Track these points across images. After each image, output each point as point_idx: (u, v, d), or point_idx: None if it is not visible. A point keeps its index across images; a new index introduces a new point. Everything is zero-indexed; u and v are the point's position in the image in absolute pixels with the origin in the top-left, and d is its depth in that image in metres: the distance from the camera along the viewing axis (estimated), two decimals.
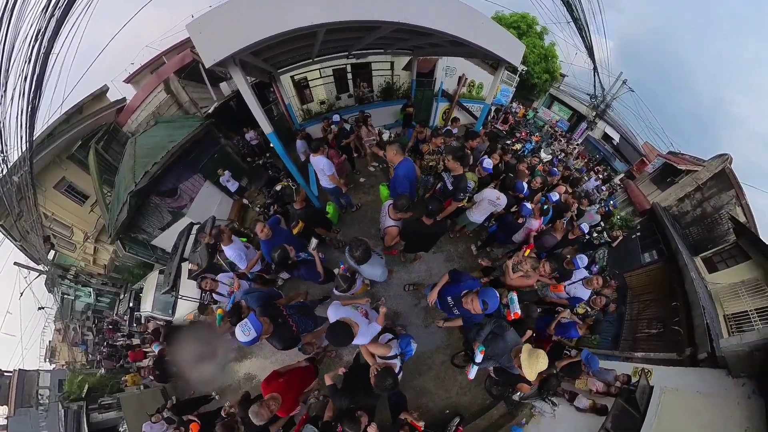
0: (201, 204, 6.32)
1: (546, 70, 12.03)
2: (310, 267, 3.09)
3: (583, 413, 3.78)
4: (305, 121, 7.28)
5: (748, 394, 3.19)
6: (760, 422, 2.94)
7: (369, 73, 8.02)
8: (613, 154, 13.33)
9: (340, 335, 2.11)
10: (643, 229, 7.56)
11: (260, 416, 2.17)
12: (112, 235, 6.37)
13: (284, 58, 5.29)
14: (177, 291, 5.28)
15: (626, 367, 4.31)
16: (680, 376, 3.92)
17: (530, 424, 4.02)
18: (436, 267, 4.71)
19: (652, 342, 4.96)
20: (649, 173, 9.88)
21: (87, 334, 9.09)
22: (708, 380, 3.62)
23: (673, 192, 8.25)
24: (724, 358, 3.56)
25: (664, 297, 5.43)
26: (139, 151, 6.24)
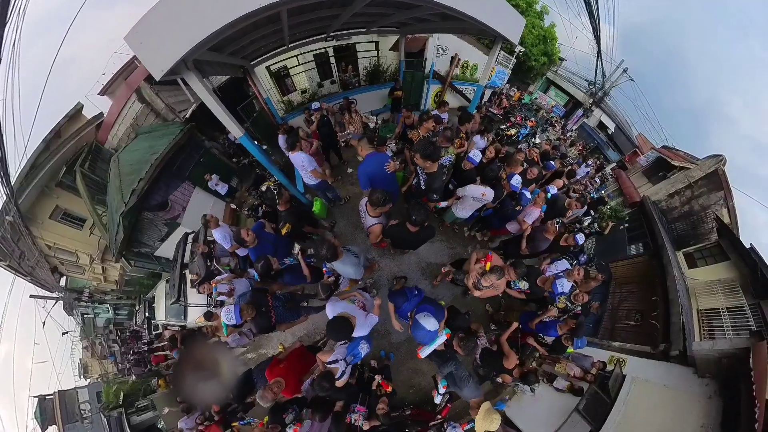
0: (194, 211, 6.30)
1: (544, 53, 11.45)
2: (295, 272, 3.13)
3: (560, 393, 4.17)
4: (288, 113, 6.99)
5: (709, 394, 3.52)
6: (716, 421, 3.26)
7: (353, 56, 7.50)
8: (607, 143, 13.32)
9: (340, 330, 2.17)
10: (631, 220, 7.78)
11: (265, 399, 2.46)
12: (115, 255, 6.51)
13: (254, 48, 4.94)
14: (185, 299, 5.46)
15: (603, 354, 4.63)
16: (651, 368, 4.19)
17: (513, 400, 4.43)
18: (426, 258, 4.70)
19: (629, 332, 5.25)
20: (642, 166, 9.88)
21: (113, 346, 9.69)
22: (676, 376, 3.92)
23: (664, 187, 8.35)
24: (694, 358, 3.85)
25: (646, 290, 5.70)
26: (123, 169, 6.18)
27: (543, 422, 4.06)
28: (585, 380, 4.10)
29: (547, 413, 4.11)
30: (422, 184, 3.19)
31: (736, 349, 3.57)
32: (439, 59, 8.22)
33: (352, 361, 2.55)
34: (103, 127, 7.92)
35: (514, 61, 10.47)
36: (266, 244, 3.32)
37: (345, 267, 2.57)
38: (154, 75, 2.48)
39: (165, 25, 2.26)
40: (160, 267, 7.51)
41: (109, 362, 9.74)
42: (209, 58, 3.73)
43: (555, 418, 3.99)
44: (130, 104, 7.20)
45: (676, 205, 8.04)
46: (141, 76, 6.88)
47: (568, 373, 4.14)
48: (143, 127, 7.15)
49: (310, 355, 3.18)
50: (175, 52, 2.37)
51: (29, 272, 7.67)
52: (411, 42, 7.48)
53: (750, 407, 2.98)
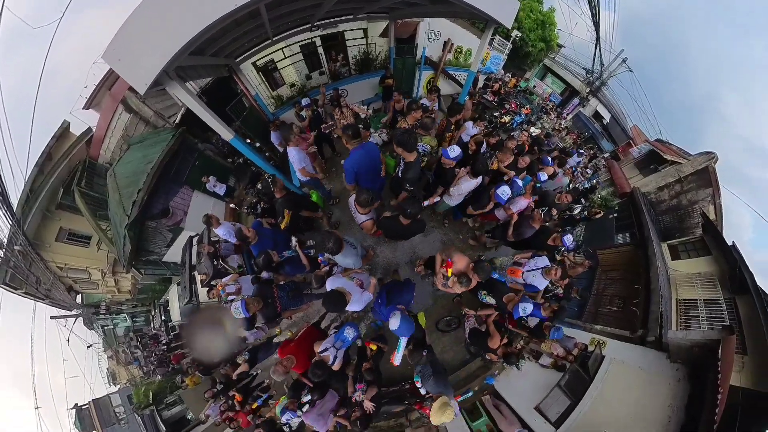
0: (196, 215, 6.48)
1: (542, 38, 11.13)
2: (294, 263, 3.33)
3: (545, 369, 4.55)
4: (278, 108, 6.93)
5: (679, 378, 3.95)
6: (682, 402, 3.73)
7: (342, 44, 7.27)
8: (601, 133, 13.26)
9: (335, 303, 2.40)
10: (620, 210, 8.02)
11: (277, 373, 2.70)
12: (125, 266, 6.74)
13: (237, 45, 4.89)
14: (197, 299, 5.72)
15: (586, 336, 4.96)
16: (629, 351, 4.58)
17: (502, 375, 4.85)
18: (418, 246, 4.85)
19: (611, 317, 5.60)
20: (635, 157, 9.97)
21: (135, 351, 10.20)
22: (650, 359, 4.32)
23: (655, 179, 8.48)
24: (668, 345, 4.22)
25: (629, 278, 6.02)
26: (120, 182, 6.29)
27: (528, 395, 4.51)
28: (567, 359, 4.42)
29: (533, 387, 4.55)
30: (399, 173, 3.24)
31: (707, 340, 3.92)
32: (431, 44, 7.97)
33: (341, 346, 2.77)
34: (94, 142, 7.95)
35: (510, 47, 10.21)
36: (266, 240, 3.49)
37: (345, 259, 2.70)
38: (138, 90, 2.49)
39: (141, 38, 2.27)
40: (170, 271, 7.78)
41: (135, 367, 10.32)
42: (191, 62, 3.72)
43: (539, 392, 4.46)
44: (117, 116, 7.19)
45: (664, 198, 8.26)
46: (125, 86, 6.82)
47: (552, 352, 4.47)
48: (134, 137, 7.19)
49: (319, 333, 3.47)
50: (155, 63, 2.37)
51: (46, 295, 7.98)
52: (401, 27, 7.30)
53: (714, 393, 3.37)
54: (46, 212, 7.92)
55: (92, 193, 7.66)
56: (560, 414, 4.21)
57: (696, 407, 3.60)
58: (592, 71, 12.05)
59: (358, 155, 3.02)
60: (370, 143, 3.26)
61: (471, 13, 3.96)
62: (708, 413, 3.37)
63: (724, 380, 3.38)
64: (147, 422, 8.03)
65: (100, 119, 7.62)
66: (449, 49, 8.33)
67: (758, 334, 3.77)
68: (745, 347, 3.90)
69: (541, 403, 4.36)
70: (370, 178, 3.32)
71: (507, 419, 4.39)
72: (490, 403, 4.72)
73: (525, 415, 4.40)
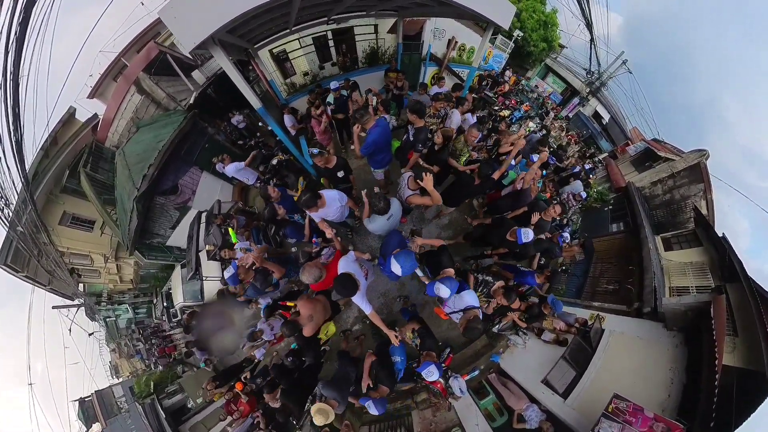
0: (203, 194, 6.84)
1: (544, 39, 11.64)
2: (296, 228, 3.75)
3: (548, 345, 4.88)
4: (290, 95, 7.40)
5: (676, 344, 4.36)
6: (682, 365, 4.14)
7: (352, 39, 7.89)
8: (600, 133, 13.76)
9: (344, 285, 2.46)
10: (615, 203, 8.67)
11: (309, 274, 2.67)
12: (129, 247, 6.97)
13: (260, 31, 5.31)
14: (201, 275, 5.99)
15: (585, 313, 5.31)
16: (626, 323, 4.97)
17: (506, 353, 5.18)
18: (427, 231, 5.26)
19: (607, 296, 6.06)
20: (631, 155, 10.58)
21: (137, 344, 10.38)
22: (647, 329, 4.70)
23: (649, 175, 9.06)
24: (664, 314, 4.60)
25: (623, 261, 6.59)
26: (130, 160, 6.61)
27: (534, 370, 4.78)
28: (569, 332, 4.81)
29: (537, 362, 4.83)
30: (410, 137, 3.85)
31: (699, 302, 4.31)
32: (436, 42, 8.58)
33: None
34: (102, 124, 8.29)
35: (512, 46, 10.88)
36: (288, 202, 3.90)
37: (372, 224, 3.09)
38: (186, 47, 2.93)
39: (200, 2, 2.69)
40: (173, 257, 8.02)
41: (137, 360, 10.50)
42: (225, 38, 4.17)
43: (544, 366, 4.73)
44: (129, 97, 7.55)
45: (658, 193, 8.79)
46: (139, 67, 7.23)
47: (554, 327, 4.79)
48: (144, 119, 7.55)
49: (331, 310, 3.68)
50: (206, 28, 2.81)
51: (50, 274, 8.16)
52: (408, 25, 7.78)
53: (711, 350, 3.73)
54: (50, 195, 8.13)
55: (98, 176, 7.98)
56: (567, 385, 4.49)
57: (696, 366, 3.96)
58: (590, 71, 12.54)
59: (377, 133, 3.51)
60: (382, 119, 3.73)
61: (472, 15, 4.46)
62: (708, 370, 3.66)
63: (720, 335, 3.68)
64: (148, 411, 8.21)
65: (110, 100, 7.99)
66: (453, 46, 8.91)
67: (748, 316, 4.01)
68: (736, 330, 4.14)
69: (548, 375, 4.61)
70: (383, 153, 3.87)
71: (515, 395, 4.60)
72: (497, 380, 4.97)
73: (532, 389, 4.64)
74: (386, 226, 3.21)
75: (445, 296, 2.53)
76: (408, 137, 3.96)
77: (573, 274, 6.93)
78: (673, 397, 3.94)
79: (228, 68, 3.47)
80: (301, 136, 6.19)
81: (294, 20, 5.17)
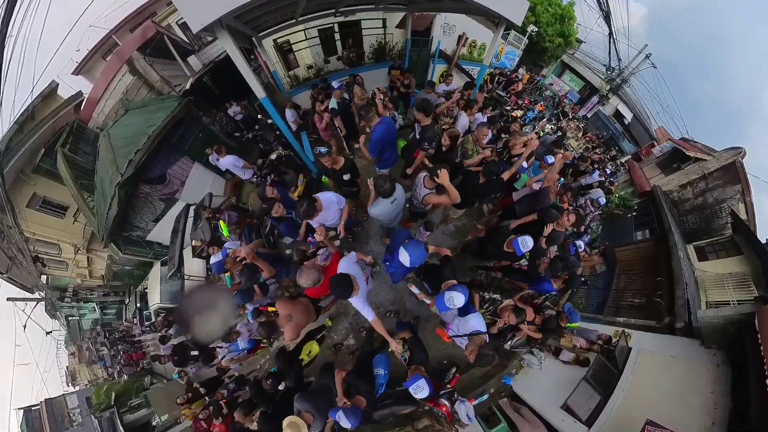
0: (193, 187, 6.74)
1: (560, 33, 11.62)
2: (292, 225, 3.74)
3: (567, 365, 4.60)
4: (293, 88, 7.46)
5: (717, 363, 4.01)
6: (725, 387, 3.75)
7: (359, 33, 8.02)
8: (622, 134, 13.47)
9: (341, 286, 2.43)
10: (639, 209, 8.37)
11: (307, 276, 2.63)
12: (104, 239, 6.85)
13: (266, 19, 5.46)
14: (183, 274, 5.85)
15: (608, 329, 5.01)
16: (657, 341, 4.62)
17: (520, 374, 4.87)
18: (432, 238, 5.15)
19: (634, 311, 5.73)
20: (656, 157, 10.32)
21: (101, 349, 9.94)
22: (682, 347, 4.39)
23: (677, 177, 8.71)
24: (699, 330, 4.29)
25: (650, 272, 6.28)
26: (116, 143, 6.51)
27: (551, 394, 4.48)
28: (592, 350, 4.55)
29: (555, 385, 4.53)
30: (417, 135, 3.93)
31: (740, 314, 3.95)
32: (446, 38, 8.67)
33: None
34: (88, 103, 8.22)
35: (526, 42, 10.80)
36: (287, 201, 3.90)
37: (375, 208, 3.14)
38: (193, 27, 2.96)
39: None
40: (153, 254, 7.88)
41: (99, 367, 10.03)
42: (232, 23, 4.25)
43: (563, 389, 4.43)
44: (120, 76, 7.54)
45: (688, 197, 8.44)
46: (133, 46, 7.25)
47: (573, 345, 4.55)
48: (134, 102, 7.54)
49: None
50: (216, 11, 2.88)
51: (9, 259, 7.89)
52: (417, 20, 7.91)
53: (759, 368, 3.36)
54: (21, 174, 7.93)
55: (77, 158, 7.87)
56: (591, 411, 4.17)
57: (742, 388, 3.61)
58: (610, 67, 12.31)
59: (381, 130, 3.63)
60: (387, 118, 3.83)
61: (483, 11, 4.55)
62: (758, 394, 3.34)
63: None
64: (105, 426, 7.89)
65: (98, 79, 7.95)
66: (463, 43, 8.96)
67: None
68: None
69: (568, 400, 4.31)
70: (389, 151, 3.96)
71: (530, 423, 4.32)
72: (509, 406, 4.68)
73: (551, 416, 4.34)
74: (389, 210, 3.22)
75: (460, 304, 2.49)
76: (414, 136, 4.09)
77: (594, 286, 6.68)
78: (718, 424, 3.64)
79: (234, 54, 3.50)
80: (303, 131, 6.23)
81: (301, 10, 5.30)
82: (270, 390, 3.41)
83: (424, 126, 3.76)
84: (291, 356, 3.68)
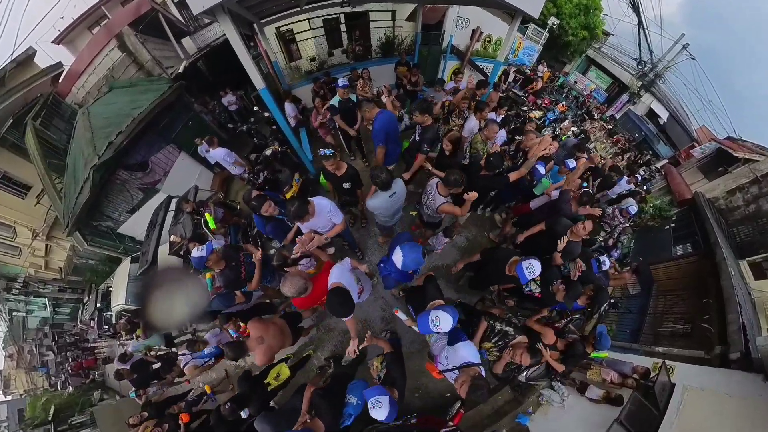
0: (177, 178, 6.58)
1: (584, 26, 11.26)
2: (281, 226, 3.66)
3: (595, 404, 4.17)
4: (294, 81, 7.44)
5: None
6: None
7: (366, 25, 8.05)
8: (657, 136, 12.64)
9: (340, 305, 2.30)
10: (679, 220, 7.89)
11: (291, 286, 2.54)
12: (69, 226, 6.63)
13: (269, 5, 5.49)
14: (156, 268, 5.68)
15: (645, 361, 4.58)
16: (707, 375, 4.12)
17: (537, 413, 4.40)
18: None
19: (676, 339, 5.31)
20: (697, 159, 9.70)
21: (46, 354, 9.28)
22: (739, 383, 3.82)
23: (723, 182, 8.10)
24: (761, 361, 3.80)
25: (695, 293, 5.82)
26: (96, 122, 6.37)
27: None
28: (625, 386, 4.13)
29: (581, 427, 4.09)
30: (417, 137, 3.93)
31: None
32: (459, 32, 8.57)
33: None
34: (68, 76, 8.05)
35: (546, 36, 10.37)
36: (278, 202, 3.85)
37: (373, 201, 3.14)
38: (194, 9, 2.97)
39: None
40: (123, 248, 7.66)
41: (40, 374, 9.37)
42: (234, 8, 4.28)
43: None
44: (107, 51, 7.42)
45: (738, 205, 7.73)
46: (125, 20, 7.18)
47: (603, 378, 4.13)
48: (120, 80, 7.44)
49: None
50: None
51: None
52: (429, 12, 7.88)
53: None
54: None
55: (49, 134, 7.68)
56: None
57: None
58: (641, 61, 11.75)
59: (383, 119, 3.72)
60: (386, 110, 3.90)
61: (497, 3, 4.61)
62: None
63: None
64: None
65: (83, 51, 7.80)
66: (477, 37, 8.88)
67: None
68: None
69: None
70: (393, 142, 3.99)
71: None
72: None
73: None
74: (388, 204, 3.18)
75: (447, 328, 2.26)
76: (414, 137, 4.08)
77: (626, 310, 6.26)
78: None
79: (234, 40, 3.50)
80: (302, 128, 6.24)
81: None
82: (229, 416, 3.17)
83: (424, 127, 3.80)
84: (256, 380, 3.47)
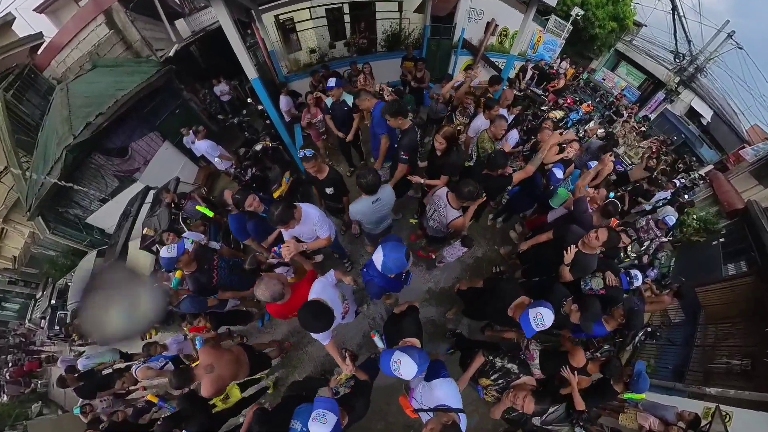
0: (158, 168, 6.53)
1: (613, 17, 10.68)
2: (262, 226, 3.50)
3: None
4: (292, 73, 7.47)
5: None
6: None
7: (372, 15, 7.96)
8: (699, 138, 12.05)
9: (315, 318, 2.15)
10: (729, 233, 7.26)
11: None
12: (31, 209, 6.53)
13: None
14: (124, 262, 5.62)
15: (693, 405, 4.08)
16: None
17: None
18: None
19: (732, 378, 4.73)
20: (749, 164, 9.08)
21: None
22: None
23: None
24: None
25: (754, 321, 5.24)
26: (74, 100, 6.34)
27: None
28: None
29: None
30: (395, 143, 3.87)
31: None
32: (472, 25, 8.20)
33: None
34: (49, 48, 7.97)
35: (569, 28, 10.05)
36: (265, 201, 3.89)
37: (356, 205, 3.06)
38: None
39: None
40: (89, 240, 7.52)
41: None
42: None
43: None
44: (93, 26, 7.42)
45: None
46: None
47: (640, 425, 3.72)
48: (105, 58, 7.47)
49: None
50: None
51: None
52: (439, 3, 7.70)
53: None
54: None
55: (20, 107, 7.57)
56: None
57: None
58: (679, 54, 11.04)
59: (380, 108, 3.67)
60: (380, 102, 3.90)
61: None
62: None
63: None
64: None
65: (67, 24, 7.75)
66: (492, 31, 8.57)
67: None
68: None
69: None
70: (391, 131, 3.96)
71: None
72: None
73: None
74: (369, 211, 3.05)
75: (407, 377, 2.01)
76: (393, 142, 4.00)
77: (668, 341, 5.71)
78: None
79: (227, 26, 3.53)
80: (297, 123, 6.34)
81: None
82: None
83: (403, 130, 3.55)
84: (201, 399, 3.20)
